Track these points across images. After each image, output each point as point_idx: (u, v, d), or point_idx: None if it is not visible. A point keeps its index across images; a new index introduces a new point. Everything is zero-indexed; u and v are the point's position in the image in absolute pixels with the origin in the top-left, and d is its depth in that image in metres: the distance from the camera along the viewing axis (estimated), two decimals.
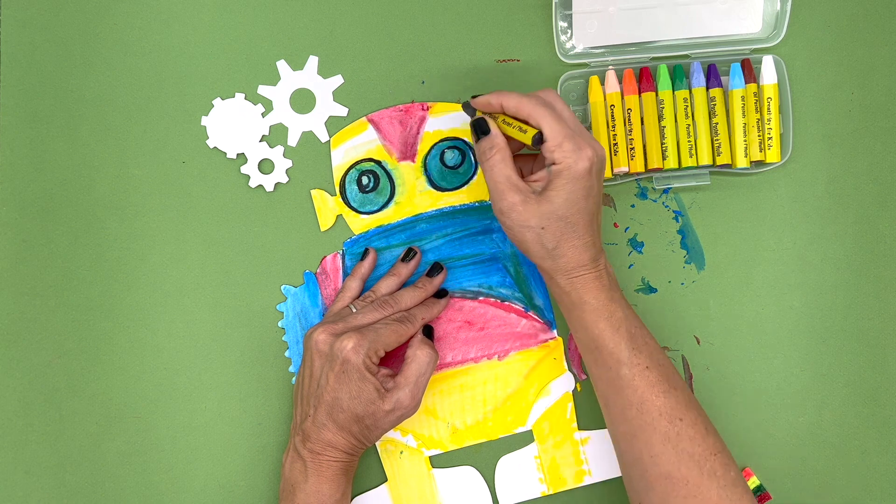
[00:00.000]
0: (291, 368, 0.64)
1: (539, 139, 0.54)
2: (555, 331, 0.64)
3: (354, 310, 0.60)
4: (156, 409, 0.64)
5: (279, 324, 0.64)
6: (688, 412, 0.54)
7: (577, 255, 0.55)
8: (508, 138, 0.56)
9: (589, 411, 0.64)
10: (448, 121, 0.65)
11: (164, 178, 0.64)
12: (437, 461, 0.64)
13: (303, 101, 0.65)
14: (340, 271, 0.64)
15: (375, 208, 0.65)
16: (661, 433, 0.54)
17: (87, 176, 0.64)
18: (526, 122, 0.55)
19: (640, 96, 0.63)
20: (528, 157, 0.59)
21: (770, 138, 0.62)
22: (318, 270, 0.64)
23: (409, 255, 0.63)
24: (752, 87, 0.62)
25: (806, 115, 0.64)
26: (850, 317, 0.64)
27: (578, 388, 0.64)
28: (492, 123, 0.56)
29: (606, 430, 0.61)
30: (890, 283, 0.64)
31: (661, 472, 0.54)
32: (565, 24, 0.64)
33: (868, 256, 0.64)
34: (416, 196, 0.65)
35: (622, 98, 0.63)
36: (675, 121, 0.62)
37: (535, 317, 0.64)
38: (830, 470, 0.63)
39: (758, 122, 0.62)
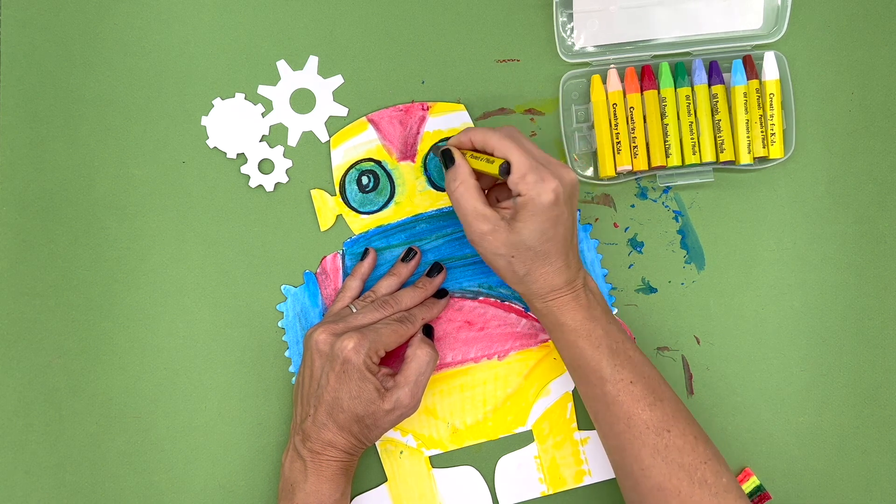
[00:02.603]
0: (291, 368, 0.63)
1: (507, 169, 0.53)
2: None
3: (354, 310, 0.59)
4: (156, 409, 0.62)
5: (279, 324, 0.63)
6: (676, 423, 0.54)
7: (549, 281, 0.54)
8: (479, 175, 0.56)
9: None
10: (448, 121, 0.63)
11: (164, 178, 0.63)
12: (437, 461, 0.62)
13: (303, 101, 0.64)
14: (340, 271, 0.63)
15: (375, 208, 0.63)
16: (650, 446, 0.53)
17: (87, 176, 0.63)
18: (493, 155, 0.55)
19: (642, 94, 0.62)
20: (504, 185, 0.58)
21: (773, 134, 0.61)
22: (318, 270, 0.63)
23: (409, 255, 0.62)
24: (755, 83, 0.61)
25: (806, 115, 0.63)
26: (850, 317, 0.63)
27: None
28: (457, 154, 0.56)
29: None
30: (890, 283, 0.63)
31: (652, 485, 0.53)
32: (566, 23, 0.62)
33: (868, 256, 0.63)
34: (416, 196, 0.63)
35: (624, 96, 0.62)
36: (678, 118, 0.61)
37: (535, 317, 0.62)
38: (830, 470, 0.62)
39: (760, 119, 0.61)
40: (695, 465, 0.53)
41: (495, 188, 0.59)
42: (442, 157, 0.56)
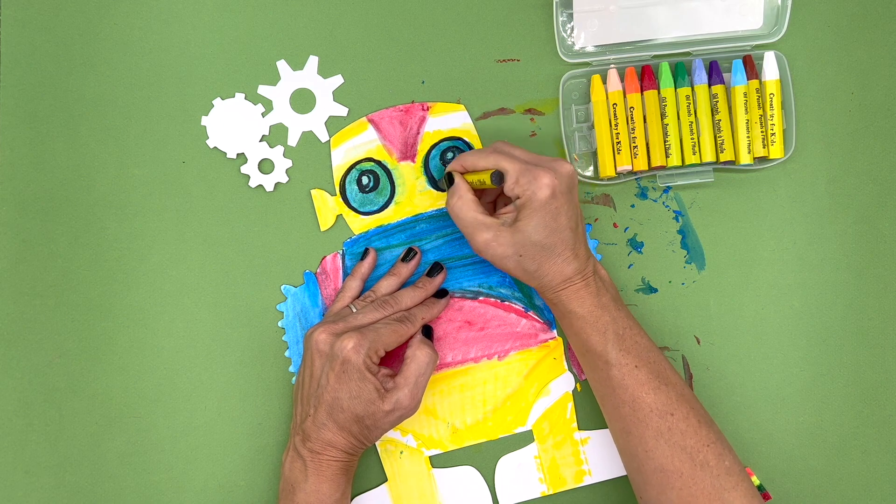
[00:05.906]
0: (291, 368, 0.62)
1: (500, 177, 0.54)
2: (554, 331, 0.62)
3: (354, 310, 0.58)
4: (156, 409, 0.62)
5: (279, 324, 0.62)
6: (679, 407, 0.54)
7: (559, 272, 0.55)
8: (479, 193, 0.58)
9: (589, 411, 0.62)
10: (448, 121, 0.62)
11: (164, 178, 0.62)
12: (437, 461, 0.62)
13: (303, 101, 0.63)
14: (340, 271, 0.62)
15: (375, 208, 0.62)
16: (654, 428, 0.54)
17: (87, 176, 0.62)
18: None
19: (642, 94, 0.61)
20: (506, 197, 0.59)
21: (773, 134, 0.61)
22: (318, 270, 0.62)
23: (409, 255, 0.61)
24: (755, 83, 0.60)
25: (806, 115, 0.63)
26: (850, 317, 0.62)
27: (578, 388, 0.62)
28: (455, 174, 0.57)
29: (607, 429, 0.60)
30: (890, 283, 0.62)
31: (655, 466, 0.53)
32: (566, 23, 0.62)
33: (868, 256, 0.62)
34: (416, 196, 0.62)
35: (624, 96, 0.61)
36: (678, 118, 0.61)
37: (535, 317, 0.62)
38: (830, 470, 0.61)
39: (760, 119, 0.60)
40: (697, 447, 0.53)
41: (499, 200, 0.60)
42: (445, 181, 0.58)
